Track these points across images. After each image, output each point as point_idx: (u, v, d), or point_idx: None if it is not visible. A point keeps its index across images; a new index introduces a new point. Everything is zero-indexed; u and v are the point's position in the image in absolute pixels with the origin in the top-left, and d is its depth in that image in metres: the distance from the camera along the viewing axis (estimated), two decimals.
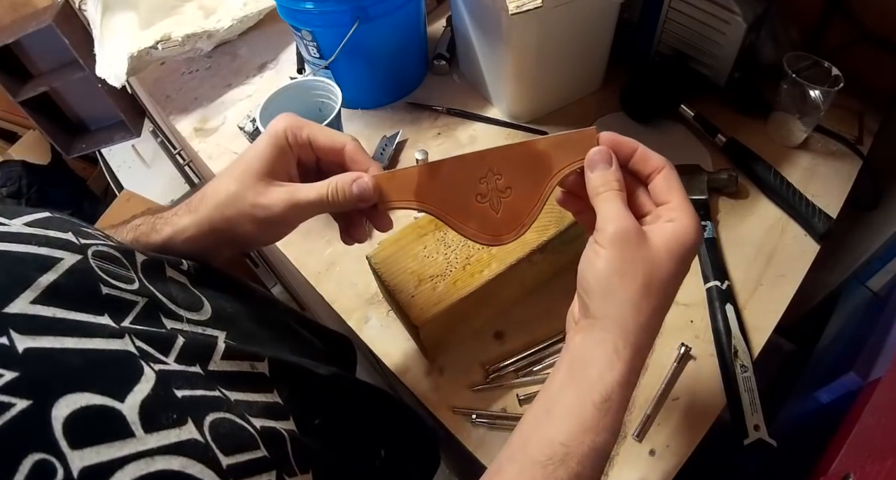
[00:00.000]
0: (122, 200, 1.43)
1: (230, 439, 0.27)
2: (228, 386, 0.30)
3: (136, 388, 0.24)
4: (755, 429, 0.50)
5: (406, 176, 0.39)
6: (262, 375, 0.34)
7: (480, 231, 0.40)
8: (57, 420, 0.21)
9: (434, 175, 0.39)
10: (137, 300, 0.29)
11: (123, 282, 0.29)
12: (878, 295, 0.78)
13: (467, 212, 0.39)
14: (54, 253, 0.27)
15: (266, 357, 0.35)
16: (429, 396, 0.56)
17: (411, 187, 0.39)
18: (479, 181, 0.39)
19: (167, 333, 0.29)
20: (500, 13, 0.64)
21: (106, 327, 0.26)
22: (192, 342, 0.30)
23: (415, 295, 0.52)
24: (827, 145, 0.73)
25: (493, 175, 0.40)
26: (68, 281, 0.26)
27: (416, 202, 0.39)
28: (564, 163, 0.39)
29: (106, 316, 0.27)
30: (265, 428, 0.30)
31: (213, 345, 0.32)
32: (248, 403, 0.31)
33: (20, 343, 0.22)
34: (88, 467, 0.21)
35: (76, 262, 0.27)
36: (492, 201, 0.40)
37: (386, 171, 0.40)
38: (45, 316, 0.24)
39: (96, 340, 0.25)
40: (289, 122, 0.39)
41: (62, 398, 0.21)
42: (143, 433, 0.23)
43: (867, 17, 0.72)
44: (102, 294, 0.27)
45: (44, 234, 0.27)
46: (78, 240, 0.29)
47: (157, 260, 0.34)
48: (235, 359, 0.32)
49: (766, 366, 0.55)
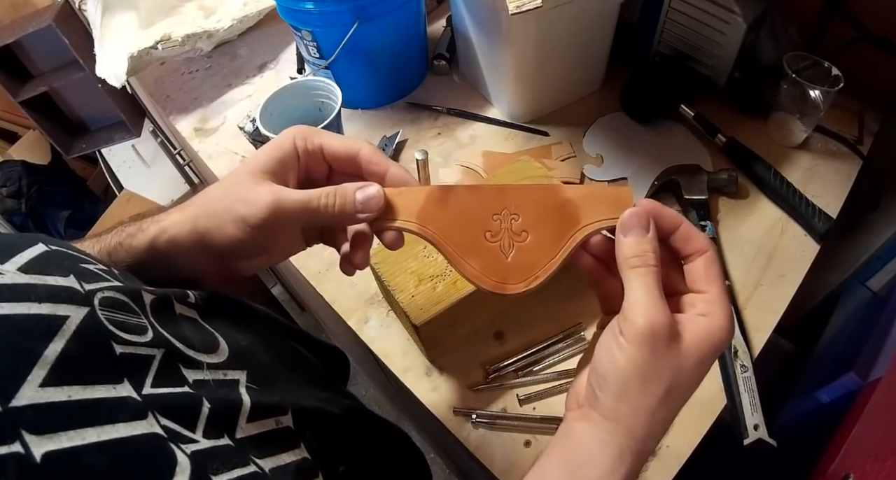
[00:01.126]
0: (122, 200, 1.43)
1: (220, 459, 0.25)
2: (259, 452, 0.29)
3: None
4: (755, 429, 0.50)
5: (412, 194, 0.35)
6: (288, 429, 0.32)
7: (484, 273, 0.35)
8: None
9: (444, 199, 0.35)
10: (154, 353, 0.27)
11: (136, 334, 0.27)
12: (878, 295, 0.79)
13: (473, 248, 0.35)
14: (58, 311, 0.23)
15: (289, 409, 0.33)
16: (429, 396, 0.56)
17: (415, 207, 0.35)
18: (493, 217, 0.35)
19: (192, 397, 0.27)
20: (500, 13, 0.64)
21: (127, 403, 0.23)
22: (218, 404, 0.28)
23: (415, 295, 0.52)
24: (827, 145, 0.73)
25: (510, 214, 0.35)
26: (79, 349, 0.23)
27: (417, 224, 0.35)
28: (594, 219, 0.34)
29: (125, 381, 0.24)
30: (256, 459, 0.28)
31: (238, 403, 0.30)
32: (281, 468, 0.29)
33: (37, 448, 0.19)
34: None
35: (84, 319, 0.24)
36: (503, 242, 0.35)
37: (392, 188, 0.36)
38: (59, 402, 0.21)
39: (119, 427, 0.22)
40: (300, 129, 0.37)
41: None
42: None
43: (867, 17, 0.72)
44: (117, 354, 0.25)
45: (44, 284, 0.24)
46: (82, 285, 0.26)
47: (165, 297, 0.31)
48: (261, 418, 0.31)
49: (766, 366, 0.55)
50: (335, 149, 0.37)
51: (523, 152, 0.74)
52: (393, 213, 0.35)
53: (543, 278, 0.35)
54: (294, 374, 0.39)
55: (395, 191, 0.36)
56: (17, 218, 1.63)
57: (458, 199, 0.35)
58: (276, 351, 0.39)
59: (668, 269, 0.32)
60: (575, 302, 0.60)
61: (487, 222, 0.35)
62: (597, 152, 0.74)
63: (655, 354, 0.29)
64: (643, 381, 0.29)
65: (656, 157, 0.72)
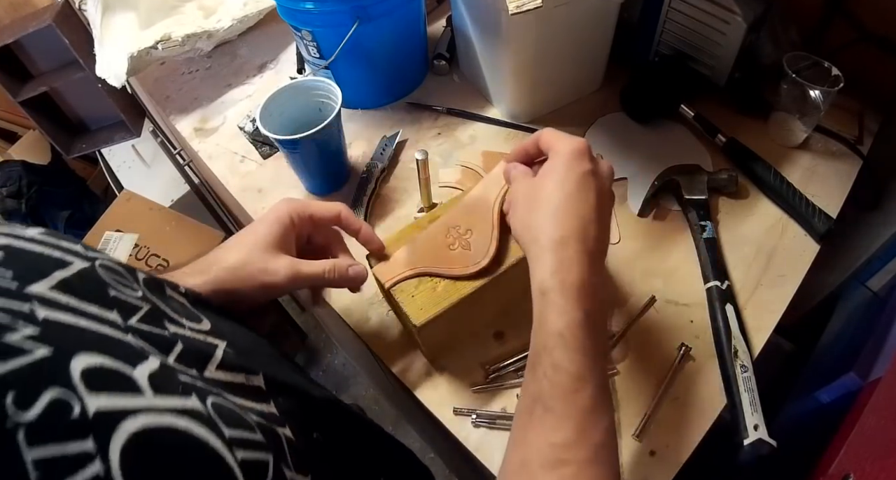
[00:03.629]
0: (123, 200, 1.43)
1: (231, 417, 0.28)
2: (225, 391, 0.30)
3: (144, 364, 0.26)
4: (755, 429, 0.50)
5: (396, 257, 0.52)
6: (259, 388, 0.34)
7: (462, 267, 0.51)
8: (75, 370, 0.22)
9: (413, 249, 0.53)
10: (142, 306, 0.31)
11: (129, 289, 0.31)
12: (878, 295, 0.78)
13: (446, 260, 0.51)
14: (66, 258, 0.29)
15: (261, 372, 0.35)
16: (429, 396, 0.56)
17: (403, 263, 0.52)
18: (446, 236, 0.53)
19: (169, 336, 0.31)
20: (500, 13, 0.64)
21: (115, 322, 0.28)
22: (192, 348, 0.31)
23: (415, 296, 0.52)
24: (827, 145, 0.73)
25: (452, 228, 0.53)
26: (80, 281, 0.28)
27: (410, 269, 0.51)
28: (493, 196, 0.53)
29: (115, 312, 0.28)
30: (262, 424, 0.30)
31: (211, 353, 0.33)
32: (246, 407, 0.31)
33: (40, 312, 0.24)
34: (102, 410, 0.22)
35: (85, 267, 0.29)
36: (461, 245, 0.52)
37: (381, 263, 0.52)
38: (61, 300, 0.26)
39: (106, 328, 0.27)
40: (292, 206, 0.48)
41: (80, 354, 0.23)
42: (151, 394, 0.24)
43: (867, 17, 0.72)
44: (110, 296, 0.29)
45: (56, 242, 0.29)
46: (86, 251, 0.31)
47: (157, 280, 0.36)
48: (231, 371, 0.33)
49: (766, 366, 0.55)
50: (321, 215, 0.50)
51: None
52: (390, 273, 0.52)
53: (496, 244, 0.51)
54: (273, 358, 0.42)
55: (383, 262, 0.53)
56: (17, 218, 1.62)
57: (420, 243, 0.53)
58: (262, 344, 0.42)
59: None
60: None
61: (444, 241, 0.53)
62: (597, 152, 0.73)
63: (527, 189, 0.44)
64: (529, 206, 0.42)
65: (656, 157, 0.72)
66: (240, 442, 0.27)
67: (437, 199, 0.68)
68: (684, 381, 0.55)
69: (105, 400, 0.22)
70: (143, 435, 0.23)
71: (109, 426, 0.22)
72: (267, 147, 0.79)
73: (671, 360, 0.55)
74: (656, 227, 0.67)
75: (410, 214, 0.70)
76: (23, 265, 0.26)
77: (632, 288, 0.61)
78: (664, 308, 0.60)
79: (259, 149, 0.79)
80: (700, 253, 0.63)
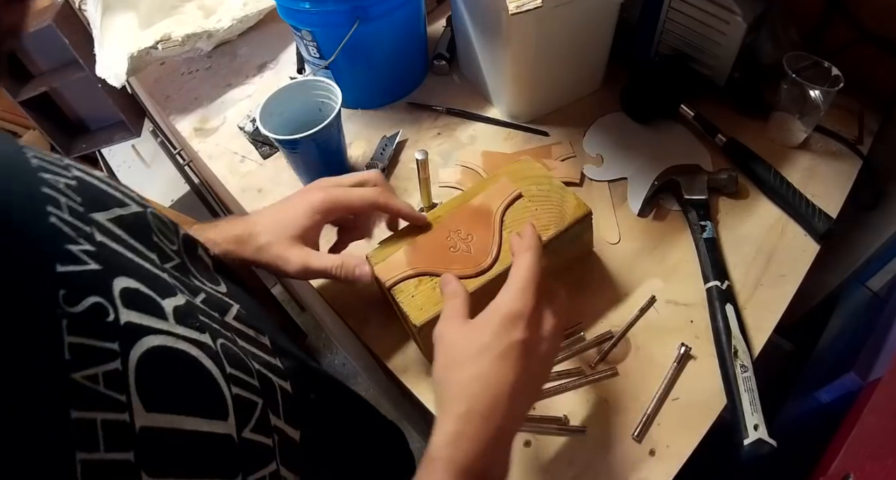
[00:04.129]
0: None
1: (234, 358, 0.31)
2: (238, 337, 0.34)
3: (172, 298, 0.30)
4: (755, 429, 0.50)
5: (396, 257, 0.54)
6: (265, 345, 0.38)
7: (464, 267, 0.53)
8: (116, 287, 0.26)
9: (413, 250, 0.54)
10: (174, 257, 0.35)
11: (169, 241, 0.35)
12: (878, 295, 0.78)
13: (448, 261, 0.53)
14: (125, 200, 0.33)
15: (267, 334, 0.39)
16: (429, 396, 0.56)
17: (403, 263, 0.53)
18: (447, 239, 0.55)
19: (193, 286, 0.35)
20: (500, 13, 0.64)
21: (154, 260, 0.32)
22: (211, 300, 0.35)
23: (415, 296, 0.52)
24: (827, 145, 0.73)
25: (454, 231, 0.55)
26: (133, 221, 0.32)
27: (411, 270, 0.53)
28: (497, 204, 0.57)
29: (155, 254, 0.33)
30: (261, 373, 0.34)
31: (227, 309, 0.37)
32: (253, 353, 0.35)
33: (98, 236, 0.28)
34: (131, 322, 0.26)
35: (139, 211, 0.34)
36: (462, 248, 0.54)
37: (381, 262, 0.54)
38: (115, 231, 0.30)
39: (146, 263, 0.31)
40: (329, 196, 0.51)
41: (121, 276, 0.27)
42: (174, 323, 0.28)
43: (867, 17, 0.72)
44: (153, 240, 0.33)
45: (118, 186, 0.34)
46: (141, 199, 0.35)
47: (193, 240, 0.40)
48: (243, 324, 0.37)
49: (766, 366, 0.55)
50: (357, 205, 0.53)
51: (523, 152, 0.74)
52: (391, 273, 0.53)
53: (498, 248, 0.54)
54: (276, 328, 0.44)
55: (383, 262, 0.54)
56: None
57: (420, 244, 0.55)
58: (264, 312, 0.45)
59: None
60: (575, 302, 0.60)
61: (446, 243, 0.54)
62: (597, 152, 0.74)
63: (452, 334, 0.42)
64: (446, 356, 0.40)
65: (656, 157, 0.72)
66: (236, 380, 0.30)
67: (437, 199, 0.68)
68: (684, 381, 0.55)
69: (135, 316, 0.26)
70: (158, 350, 0.26)
71: (134, 336, 0.25)
72: (267, 147, 0.79)
73: (671, 360, 0.55)
74: (656, 227, 0.67)
75: None
76: (90, 195, 0.30)
77: (632, 288, 0.61)
78: (664, 308, 0.60)
79: (259, 149, 0.79)
80: (700, 253, 0.63)
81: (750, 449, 0.49)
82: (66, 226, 0.26)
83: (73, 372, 0.22)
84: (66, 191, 0.28)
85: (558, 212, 0.57)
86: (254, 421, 0.30)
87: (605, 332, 0.58)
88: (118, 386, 0.23)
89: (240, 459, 0.29)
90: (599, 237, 0.65)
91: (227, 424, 0.28)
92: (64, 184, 0.28)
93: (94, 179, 0.32)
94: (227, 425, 0.28)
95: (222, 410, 0.28)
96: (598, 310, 0.60)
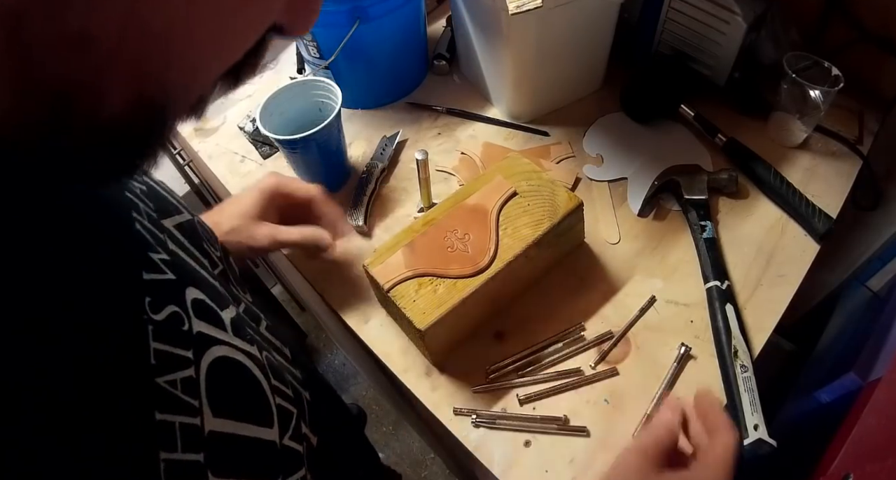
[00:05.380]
0: None
1: (276, 371, 0.33)
2: (272, 349, 0.36)
3: (227, 310, 0.31)
4: (755, 429, 0.50)
5: (394, 259, 0.55)
6: (288, 356, 0.40)
7: (462, 267, 0.53)
8: (188, 297, 0.28)
9: (412, 251, 0.55)
10: (219, 264, 0.37)
11: (214, 248, 0.38)
12: (878, 295, 0.79)
13: (447, 262, 0.54)
14: (180, 207, 0.35)
15: (287, 344, 0.41)
16: (429, 396, 0.56)
17: (401, 265, 0.54)
18: (444, 239, 0.55)
19: (235, 294, 0.37)
20: (500, 13, 0.64)
21: (207, 268, 0.34)
22: (249, 308, 0.38)
23: (416, 300, 0.52)
24: (827, 145, 0.73)
25: (451, 232, 0.56)
26: (189, 228, 0.34)
27: (409, 271, 0.53)
28: (492, 204, 0.57)
29: (206, 260, 0.34)
30: (293, 384, 0.36)
31: (260, 318, 0.39)
32: (284, 366, 0.37)
33: (169, 244, 0.30)
34: (201, 332, 0.27)
35: (191, 218, 0.36)
36: (460, 247, 0.55)
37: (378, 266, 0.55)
38: (180, 239, 0.32)
39: (204, 273, 0.32)
40: (275, 181, 0.57)
41: (190, 287, 0.28)
42: (232, 334, 0.30)
43: (867, 17, 0.72)
44: (204, 247, 0.35)
45: (171, 191, 0.36)
46: (186, 207, 0.37)
47: (225, 248, 0.42)
48: (273, 335, 0.39)
49: (766, 366, 0.55)
50: (298, 194, 0.58)
51: (523, 152, 0.74)
52: (390, 275, 0.53)
53: (495, 246, 0.54)
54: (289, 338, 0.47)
55: (381, 264, 0.55)
56: None
57: (417, 246, 0.55)
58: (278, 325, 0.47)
59: None
60: (575, 302, 0.60)
61: (443, 243, 0.55)
62: (597, 152, 0.74)
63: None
64: None
65: (656, 157, 0.72)
66: (278, 392, 0.32)
67: (437, 199, 0.69)
68: (684, 381, 0.55)
69: (204, 326, 0.28)
70: (222, 360, 0.28)
71: (204, 345, 0.27)
72: (267, 147, 0.79)
73: (671, 360, 0.55)
74: (656, 227, 0.67)
75: (410, 214, 0.70)
76: (157, 202, 0.31)
77: (632, 289, 0.61)
78: (664, 308, 0.60)
79: (259, 149, 0.79)
80: (700, 253, 0.63)
81: (750, 449, 0.49)
82: (148, 234, 0.28)
83: (157, 376, 0.23)
84: (142, 196, 0.30)
85: (550, 206, 0.57)
86: (291, 430, 0.32)
87: (605, 332, 0.58)
88: (193, 392, 0.25)
89: (280, 463, 0.31)
90: (599, 237, 0.65)
91: (273, 431, 0.30)
92: (139, 190, 0.30)
93: (156, 185, 0.33)
94: (273, 432, 0.30)
95: (269, 418, 0.30)
96: (598, 310, 0.60)
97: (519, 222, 0.57)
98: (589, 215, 0.64)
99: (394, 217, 0.70)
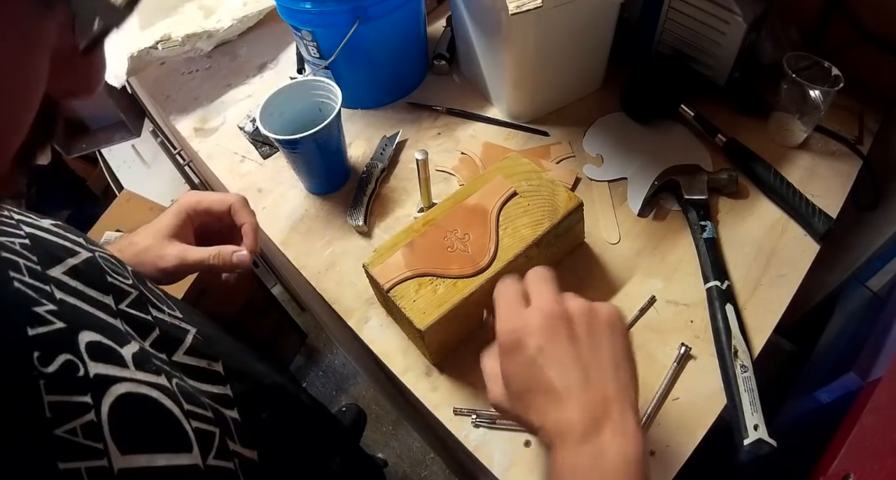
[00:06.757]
0: (122, 200, 1.43)
1: (189, 395, 0.33)
2: (186, 375, 0.36)
3: (129, 345, 0.31)
4: (755, 429, 0.50)
5: (394, 259, 0.55)
6: (218, 373, 0.40)
7: (462, 268, 0.53)
8: (81, 342, 0.28)
9: (412, 251, 0.55)
10: (132, 291, 0.37)
11: (122, 277, 0.37)
12: (878, 295, 0.79)
13: (446, 261, 0.54)
14: (74, 247, 0.35)
15: (220, 359, 0.40)
16: (429, 396, 0.56)
17: (401, 265, 0.54)
18: (444, 239, 0.55)
19: (150, 320, 0.36)
20: (500, 13, 0.64)
21: (109, 306, 0.33)
22: (167, 333, 0.37)
23: (416, 300, 0.52)
24: (827, 145, 0.73)
25: (450, 232, 0.56)
26: (85, 268, 0.34)
27: (409, 271, 0.53)
28: (491, 205, 0.57)
29: (110, 297, 0.34)
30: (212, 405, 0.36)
31: (182, 339, 0.38)
32: (201, 390, 0.37)
33: (57, 293, 0.29)
34: (99, 374, 0.27)
35: (89, 256, 0.35)
36: (460, 247, 0.55)
37: (378, 266, 0.54)
38: (71, 285, 0.31)
39: (101, 313, 0.32)
40: (190, 199, 0.55)
41: (84, 331, 0.29)
42: (134, 369, 0.30)
43: (867, 17, 0.72)
44: (107, 281, 0.35)
45: (65, 234, 0.36)
46: (87, 243, 0.37)
47: (140, 274, 0.42)
48: (195, 357, 0.38)
49: (766, 366, 0.55)
50: (215, 207, 0.55)
51: (523, 152, 0.74)
52: (389, 275, 0.53)
53: (495, 246, 0.54)
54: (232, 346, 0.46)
55: (381, 264, 0.54)
56: None
57: (417, 246, 0.55)
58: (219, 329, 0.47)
59: None
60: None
61: (443, 243, 0.55)
62: (597, 152, 0.74)
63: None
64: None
65: (656, 157, 0.72)
66: (194, 415, 0.32)
67: (437, 199, 0.69)
68: (684, 381, 0.55)
69: (101, 368, 0.28)
70: (125, 398, 0.28)
71: (103, 387, 0.27)
72: (267, 147, 0.79)
73: (671, 360, 0.55)
74: (656, 227, 0.67)
75: (410, 214, 0.70)
76: (43, 251, 0.31)
77: (632, 288, 0.61)
78: (664, 308, 0.60)
79: (259, 149, 0.79)
80: (700, 253, 0.63)
81: (750, 449, 0.49)
82: (29, 289, 0.28)
83: (55, 428, 0.24)
84: (21, 251, 0.30)
85: (550, 206, 0.57)
86: (215, 449, 0.33)
87: None
88: (95, 436, 0.25)
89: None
90: (599, 237, 0.65)
91: (193, 455, 0.30)
92: (19, 245, 0.30)
93: (43, 233, 0.33)
94: (193, 456, 0.30)
95: (187, 443, 0.31)
96: None
97: (519, 222, 0.57)
98: (589, 215, 0.64)
99: (394, 217, 0.70)
